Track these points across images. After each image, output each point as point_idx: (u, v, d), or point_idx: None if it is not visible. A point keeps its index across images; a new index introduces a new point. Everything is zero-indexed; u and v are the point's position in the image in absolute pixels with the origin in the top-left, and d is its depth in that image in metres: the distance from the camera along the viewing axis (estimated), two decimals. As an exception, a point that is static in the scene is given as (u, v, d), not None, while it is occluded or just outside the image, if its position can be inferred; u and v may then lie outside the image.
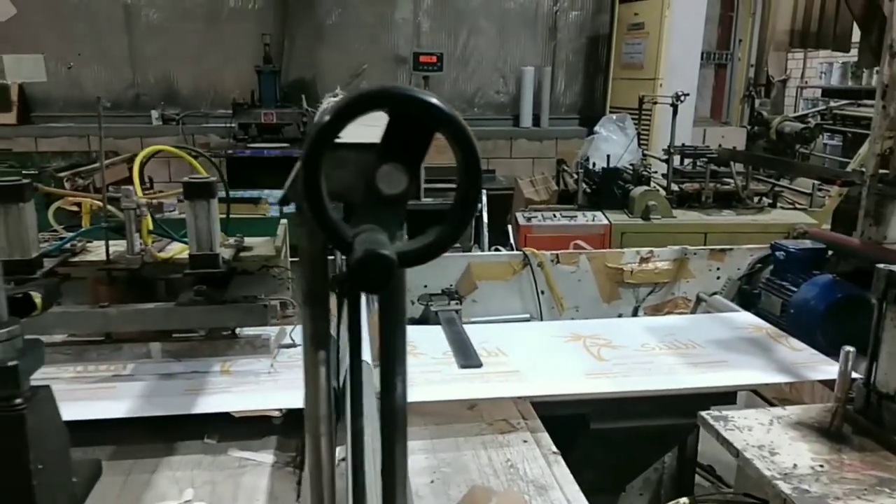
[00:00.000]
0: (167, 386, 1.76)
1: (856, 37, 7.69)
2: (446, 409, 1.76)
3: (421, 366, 1.94)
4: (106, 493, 1.39)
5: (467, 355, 1.98)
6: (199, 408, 1.66)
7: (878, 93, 2.37)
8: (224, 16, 7.02)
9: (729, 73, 7.90)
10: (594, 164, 4.78)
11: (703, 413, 1.61)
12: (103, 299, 1.85)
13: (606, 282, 2.61)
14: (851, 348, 1.46)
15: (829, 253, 2.52)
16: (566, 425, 1.78)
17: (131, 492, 1.42)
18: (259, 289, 1.98)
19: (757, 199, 4.70)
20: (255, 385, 1.77)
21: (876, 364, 1.55)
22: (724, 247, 2.70)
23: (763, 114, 5.94)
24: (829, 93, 8.45)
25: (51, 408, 0.94)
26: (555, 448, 1.62)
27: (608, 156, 4.67)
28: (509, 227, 4.26)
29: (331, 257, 2.66)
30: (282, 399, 1.69)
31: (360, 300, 0.72)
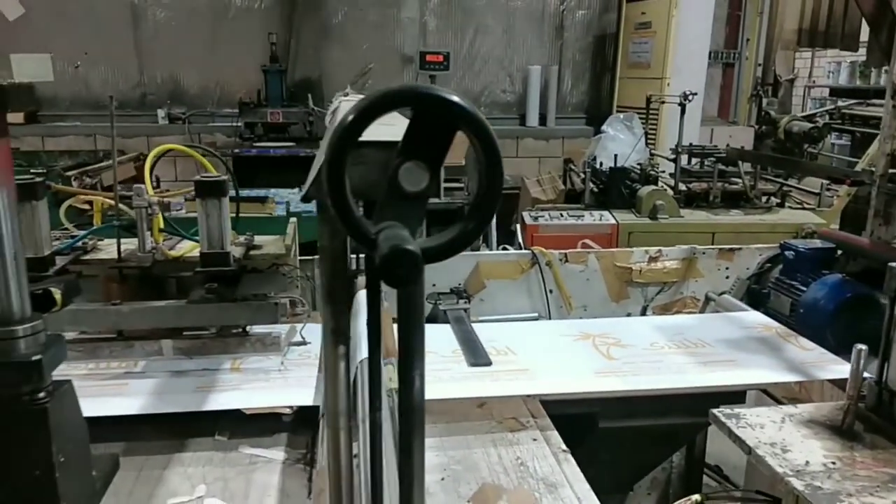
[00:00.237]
0: (178, 383, 1.76)
1: (864, 36, 7.67)
2: (456, 408, 1.76)
3: (430, 364, 1.93)
4: (119, 490, 1.39)
5: (477, 354, 1.98)
6: (210, 405, 1.67)
7: (888, 92, 2.36)
8: (231, 15, 7.03)
9: (736, 73, 7.88)
10: (601, 164, 4.77)
11: (715, 411, 1.61)
12: (115, 297, 1.86)
13: (615, 281, 2.61)
14: (864, 346, 1.46)
15: (839, 252, 2.52)
16: (575, 424, 1.78)
17: (144, 488, 1.43)
18: (268, 287, 1.99)
19: (765, 198, 4.68)
20: (265, 382, 1.78)
21: (888, 363, 1.55)
22: (732, 246, 2.69)
23: (771, 113, 5.90)
24: (836, 92, 8.40)
25: (72, 402, 0.95)
26: (564, 446, 1.62)
27: (615, 155, 4.66)
28: (517, 227, 4.25)
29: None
30: (292, 396, 1.69)
31: (380, 296, 0.72)
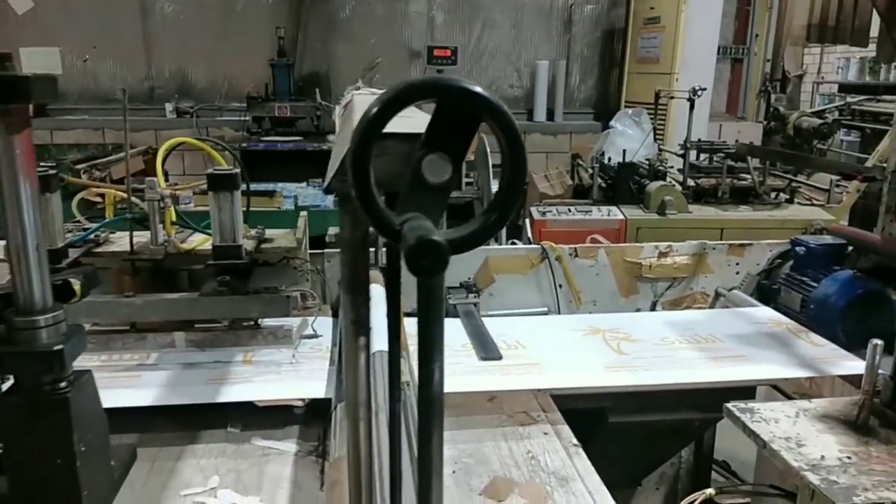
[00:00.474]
0: (191, 375, 1.77)
1: (874, 31, 7.62)
2: (466, 401, 1.76)
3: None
4: (133, 481, 1.40)
5: (487, 348, 1.98)
6: (223, 397, 1.67)
7: (901, 87, 2.35)
8: (238, 9, 7.04)
9: (745, 68, 7.85)
10: (609, 159, 4.76)
11: (729, 405, 1.60)
12: (127, 289, 1.87)
13: (625, 276, 2.60)
14: (880, 341, 1.46)
15: (850, 249, 2.51)
16: (585, 419, 1.78)
17: (157, 479, 1.44)
18: (279, 280, 1.99)
19: (774, 194, 4.67)
20: (277, 375, 1.78)
21: (901, 358, 1.55)
22: (743, 242, 2.69)
23: (780, 109, 5.88)
24: (845, 88, 8.37)
25: (92, 392, 0.96)
26: (575, 440, 1.63)
27: (624, 150, 4.65)
28: (526, 221, 4.25)
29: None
30: (304, 389, 1.70)
31: (399, 288, 0.73)
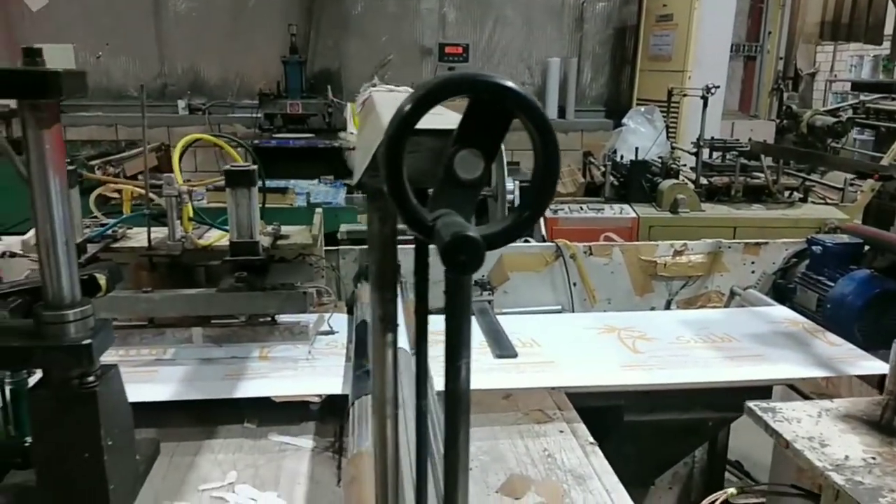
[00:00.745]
0: (207, 370, 1.78)
1: (888, 29, 7.56)
2: (482, 398, 1.76)
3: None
4: (152, 475, 1.41)
5: (503, 345, 1.98)
6: (239, 392, 1.68)
7: (920, 85, 2.32)
8: (250, 6, 7.05)
9: (758, 66, 7.79)
10: (622, 157, 4.75)
11: (751, 404, 1.59)
12: (144, 285, 1.88)
13: (639, 274, 2.59)
14: (904, 340, 1.45)
15: (866, 248, 2.49)
16: (600, 417, 1.78)
17: (176, 474, 1.45)
18: (295, 276, 2.00)
19: (787, 193, 4.64)
20: (293, 371, 1.79)
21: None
22: (758, 241, 2.67)
23: (792, 107, 5.84)
24: (858, 86, 8.29)
25: (118, 386, 0.96)
26: (592, 439, 1.62)
27: (636, 148, 4.64)
28: (539, 219, 4.24)
29: (363, 246, 2.66)
30: (320, 385, 1.71)
31: (427, 285, 0.73)
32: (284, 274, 1.97)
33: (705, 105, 4.65)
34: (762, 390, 1.93)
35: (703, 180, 4.61)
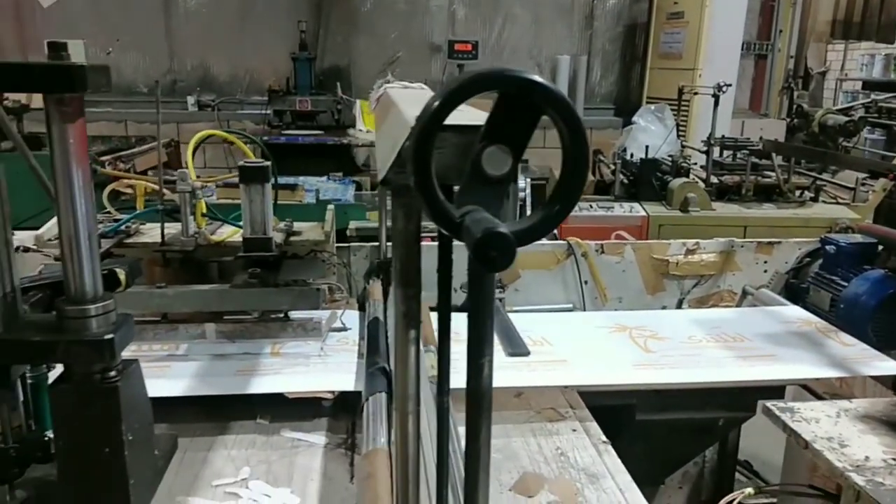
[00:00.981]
0: (220, 366, 1.78)
1: (901, 28, 7.49)
2: (494, 396, 1.75)
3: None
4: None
5: (514, 343, 1.98)
6: (252, 388, 1.68)
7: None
8: (260, 2, 7.06)
9: (769, 65, 7.75)
10: (632, 155, 4.73)
11: (769, 404, 1.59)
12: (157, 280, 1.89)
13: (651, 273, 2.58)
14: (923, 342, 1.44)
15: (880, 248, 2.47)
16: (612, 416, 1.78)
17: (189, 469, 1.45)
18: (307, 273, 2.00)
19: (798, 192, 4.62)
20: (305, 367, 1.79)
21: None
22: (771, 240, 2.66)
23: (803, 106, 5.81)
24: (869, 85, 8.24)
25: (139, 381, 0.97)
26: (604, 437, 1.62)
27: (646, 146, 4.62)
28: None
29: (374, 243, 2.65)
30: (333, 381, 1.70)
31: (451, 282, 0.72)
32: (297, 270, 1.97)
33: (716, 103, 4.62)
34: (775, 390, 1.92)
35: (714, 179, 4.59)
